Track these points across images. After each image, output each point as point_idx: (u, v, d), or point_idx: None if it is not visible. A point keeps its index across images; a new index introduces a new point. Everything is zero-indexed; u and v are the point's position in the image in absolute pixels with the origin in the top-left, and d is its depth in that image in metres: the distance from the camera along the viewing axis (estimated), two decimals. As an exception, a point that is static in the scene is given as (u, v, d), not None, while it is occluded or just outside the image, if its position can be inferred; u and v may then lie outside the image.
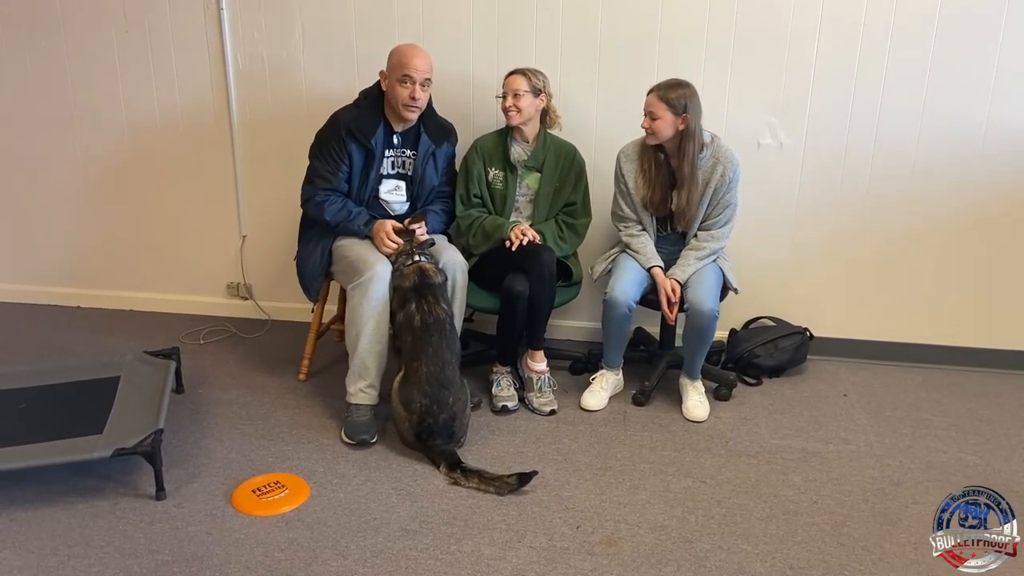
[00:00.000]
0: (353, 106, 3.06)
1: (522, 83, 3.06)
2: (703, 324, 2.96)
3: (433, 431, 2.74)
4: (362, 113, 3.02)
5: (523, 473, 2.61)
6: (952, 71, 3.18)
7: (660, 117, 2.91)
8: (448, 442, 2.76)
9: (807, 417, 3.10)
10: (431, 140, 3.10)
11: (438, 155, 3.14)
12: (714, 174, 3.00)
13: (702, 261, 3.06)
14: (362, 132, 2.98)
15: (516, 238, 3.03)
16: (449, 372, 2.79)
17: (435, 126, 3.13)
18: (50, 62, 3.69)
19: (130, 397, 2.83)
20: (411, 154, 3.10)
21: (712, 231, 3.06)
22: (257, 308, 3.93)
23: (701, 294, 2.96)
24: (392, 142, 3.07)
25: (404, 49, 2.97)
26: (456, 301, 2.99)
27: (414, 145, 3.09)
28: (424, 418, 2.73)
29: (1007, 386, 3.37)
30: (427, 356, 2.77)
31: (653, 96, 2.93)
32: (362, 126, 2.99)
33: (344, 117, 3.01)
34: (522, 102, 3.07)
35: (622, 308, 2.99)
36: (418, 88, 2.93)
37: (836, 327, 3.54)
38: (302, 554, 2.32)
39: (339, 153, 2.98)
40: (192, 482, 2.64)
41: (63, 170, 3.86)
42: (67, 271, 4.03)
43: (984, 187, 3.30)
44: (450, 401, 2.75)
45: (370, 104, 3.04)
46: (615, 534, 2.42)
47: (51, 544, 2.34)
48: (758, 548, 2.37)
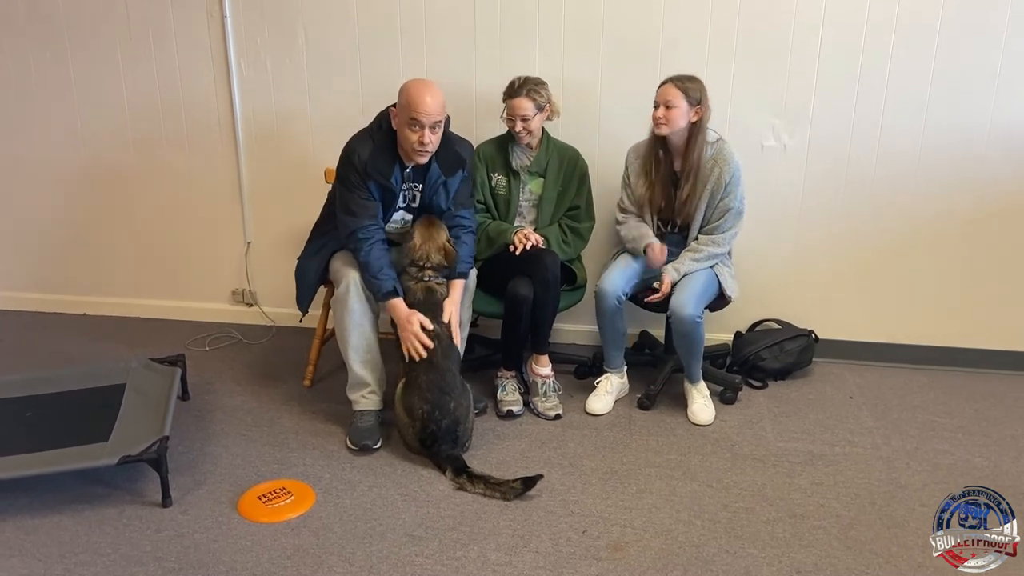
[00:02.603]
0: (367, 137, 2.86)
1: (528, 106, 3.03)
2: (685, 329, 2.95)
3: (437, 437, 2.74)
4: (377, 150, 2.82)
5: (528, 477, 2.61)
6: (955, 72, 3.17)
7: (676, 106, 2.89)
8: (453, 447, 2.76)
9: (813, 420, 3.10)
10: (442, 171, 2.92)
11: (449, 184, 2.95)
12: (711, 175, 2.99)
13: (699, 263, 3.03)
14: (380, 173, 2.82)
15: (520, 243, 3.03)
16: (449, 378, 2.79)
17: (449, 156, 2.91)
18: (54, 68, 3.70)
19: (136, 404, 2.84)
20: (420, 187, 2.97)
21: (713, 236, 3.04)
22: (262, 314, 3.93)
23: (683, 299, 2.94)
24: (405, 177, 2.93)
25: (413, 90, 2.72)
26: (463, 307, 2.99)
27: (423, 178, 2.94)
28: (427, 424, 2.74)
29: (1014, 388, 3.35)
30: (426, 364, 2.78)
31: (670, 85, 2.91)
32: (380, 167, 2.82)
33: (360, 153, 2.81)
34: (532, 124, 3.07)
35: (610, 300, 2.98)
36: (427, 132, 2.72)
37: (841, 329, 3.53)
38: (308, 561, 2.32)
39: (361, 186, 2.84)
40: (198, 489, 2.64)
41: (68, 177, 3.87)
42: (73, 278, 4.04)
43: (989, 187, 3.29)
44: (452, 406, 2.75)
45: (384, 138, 2.84)
46: (621, 539, 2.42)
47: (58, 552, 2.35)
48: (765, 552, 2.36)
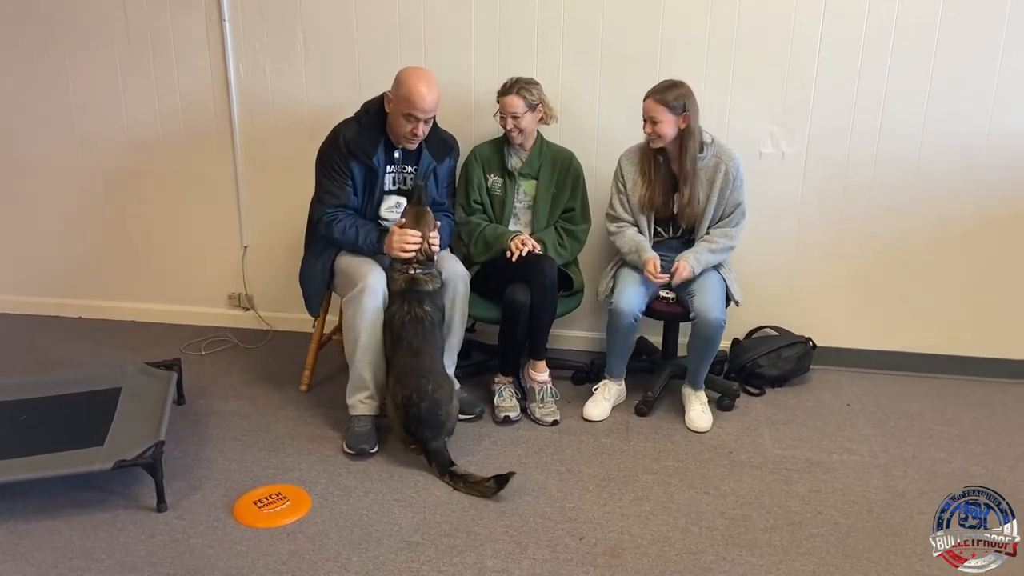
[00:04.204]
0: (354, 120, 2.97)
1: (518, 104, 3.04)
2: (709, 333, 2.95)
3: (419, 420, 2.73)
4: (363, 130, 2.93)
5: (500, 476, 2.61)
6: (953, 80, 3.18)
7: (661, 120, 2.91)
8: (438, 433, 2.76)
9: (811, 427, 3.09)
10: (432, 156, 3.03)
11: (439, 171, 3.06)
12: (718, 173, 3.00)
13: (715, 255, 3.05)
14: (363, 151, 2.90)
15: (517, 248, 3.03)
16: (427, 361, 2.79)
17: (437, 141, 3.04)
18: (53, 71, 3.69)
19: (131, 409, 2.83)
20: (412, 170, 3.04)
21: (725, 229, 3.06)
22: (259, 319, 3.92)
23: (709, 303, 2.95)
24: (393, 158, 3.01)
25: (412, 84, 2.80)
26: (457, 311, 2.99)
27: (415, 160, 3.03)
28: (408, 409, 2.74)
29: (1012, 396, 3.35)
30: (402, 350, 2.79)
31: (650, 101, 2.93)
32: (363, 144, 2.91)
33: (344, 133, 2.92)
34: (523, 122, 3.07)
35: (627, 319, 2.98)
36: (421, 125, 2.85)
37: (839, 337, 3.53)
38: (304, 566, 2.31)
39: (342, 169, 2.92)
40: (193, 494, 2.63)
41: (65, 180, 3.85)
42: (69, 282, 4.03)
43: (987, 195, 3.30)
44: (430, 389, 2.74)
45: (371, 120, 2.94)
46: (618, 545, 2.41)
47: (52, 557, 2.34)
48: (762, 560, 2.36)
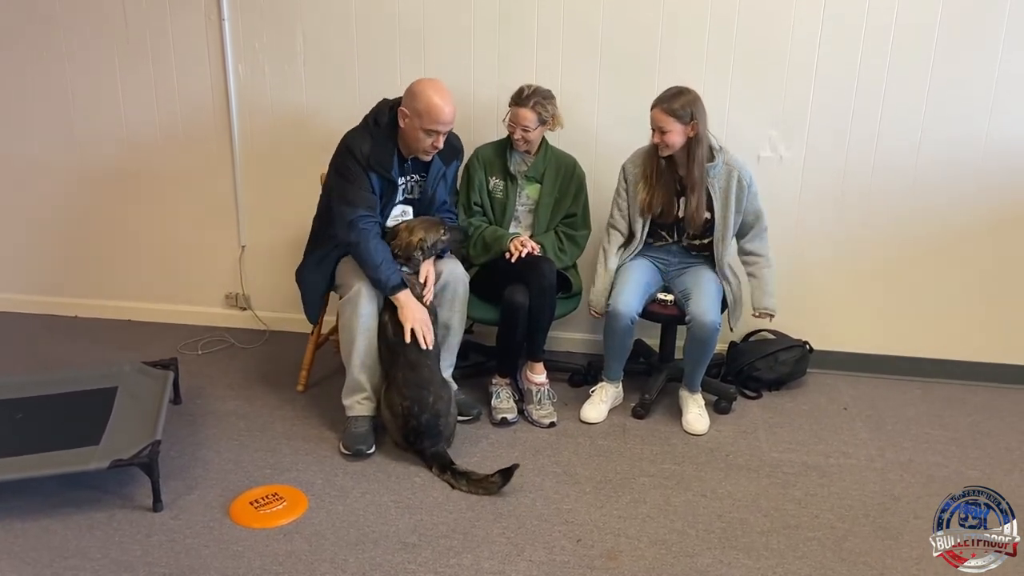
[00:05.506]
0: (365, 132, 2.88)
1: (531, 118, 3.03)
2: (704, 336, 2.96)
3: (420, 432, 2.75)
4: (376, 144, 2.85)
5: (504, 470, 2.62)
6: (951, 84, 3.19)
7: (669, 130, 2.90)
8: (438, 441, 2.77)
9: (807, 431, 3.09)
10: (442, 161, 2.99)
11: (448, 173, 3.06)
12: (731, 182, 3.00)
13: (769, 283, 3.12)
14: (382, 165, 2.84)
15: (516, 250, 3.03)
16: (426, 373, 2.80)
17: (445, 146, 2.96)
18: (51, 71, 3.69)
19: (127, 408, 2.82)
20: (419, 178, 3.01)
21: (757, 243, 3.13)
22: (256, 319, 3.91)
23: (704, 306, 2.95)
24: (404, 168, 2.96)
25: (431, 99, 2.75)
26: (456, 313, 3.00)
27: (424, 168, 2.99)
28: (408, 420, 2.75)
29: (1007, 400, 3.36)
30: (400, 362, 2.80)
31: (658, 111, 2.92)
32: (381, 159, 2.84)
33: (360, 147, 2.84)
34: (531, 135, 3.07)
35: (624, 320, 2.98)
36: (440, 138, 2.84)
37: (836, 340, 3.53)
38: (300, 567, 2.30)
39: (362, 178, 2.85)
40: (189, 494, 2.62)
41: (62, 179, 3.85)
42: (65, 281, 4.02)
43: (984, 200, 3.30)
44: (431, 400, 2.76)
45: (383, 133, 2.86)
46: (615, 548, 2.41)
47: (47, 556, 2.33)
48: (759, 563, 2.36)
